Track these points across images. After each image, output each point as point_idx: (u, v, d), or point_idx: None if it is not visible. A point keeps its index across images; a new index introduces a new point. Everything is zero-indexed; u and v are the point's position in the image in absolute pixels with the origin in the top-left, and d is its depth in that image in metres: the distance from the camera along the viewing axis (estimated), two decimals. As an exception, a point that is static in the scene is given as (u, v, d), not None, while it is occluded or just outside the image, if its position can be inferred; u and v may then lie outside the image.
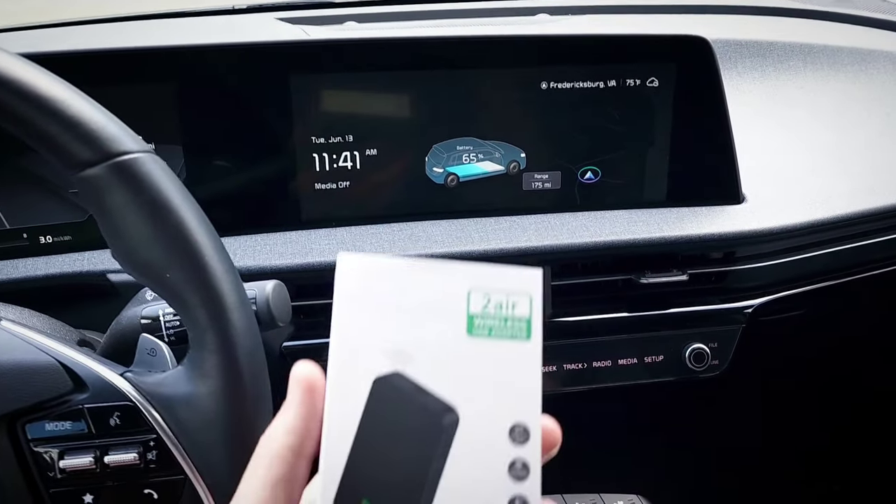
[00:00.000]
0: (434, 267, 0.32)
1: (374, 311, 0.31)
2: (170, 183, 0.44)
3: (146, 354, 0.51)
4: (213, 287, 0.44)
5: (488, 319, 0.32)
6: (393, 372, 0.31)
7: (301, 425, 0.31)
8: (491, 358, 0.31)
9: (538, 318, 0.32)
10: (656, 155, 0.83)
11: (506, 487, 0.30)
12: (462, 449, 0.30)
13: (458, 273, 0.32)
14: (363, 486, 0.30)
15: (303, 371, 0.32)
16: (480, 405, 0.31)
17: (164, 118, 0.75)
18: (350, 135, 0.77)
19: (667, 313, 0.83)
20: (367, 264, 0.32)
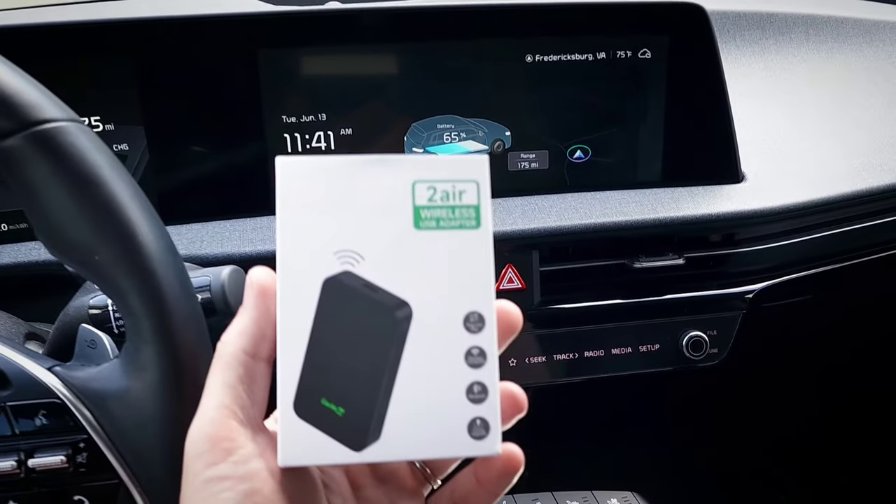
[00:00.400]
0: (376, 162, 0.32)
1: (318, 212, 0.31)
2: (98, 154, 0.40)
3: (86, 347, 0.47)
4: (148, 269, 0.39)
5: (435, 210, 0.31)
6: (342, 272, 0.31)
7: (254, 328, 0.31)
8: (440, 249, 0.31)
9: (487, 205, 0.32)
10: (650, 132, 0.78)
11: (463, 375, 0.30)
12: (417, 342, 0.30)
13: (401, 166, 0.32)
14: (321, 387, 0.30)
15: (256, 275, 0.32)
16: (433, 297, 0.31)
17: (125, 98, 0.71)
18: (323, 114, 0.73)
19: (663, 300, 0.79)
20: (307, 165, 0.32)
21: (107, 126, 0.71)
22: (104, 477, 0.39)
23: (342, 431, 0.30)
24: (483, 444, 0.31)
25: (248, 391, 0.31)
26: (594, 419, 0.84)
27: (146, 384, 0.39)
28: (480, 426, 0.31)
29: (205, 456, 0.30)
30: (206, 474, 0.30)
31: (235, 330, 0.32)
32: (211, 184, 0.74)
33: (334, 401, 0.30)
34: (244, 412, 0.31)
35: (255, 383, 0.31)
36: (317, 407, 0.30)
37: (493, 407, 0.31)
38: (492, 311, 0.31)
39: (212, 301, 0.51)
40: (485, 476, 0.34)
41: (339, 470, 0.36)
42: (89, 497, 0.39)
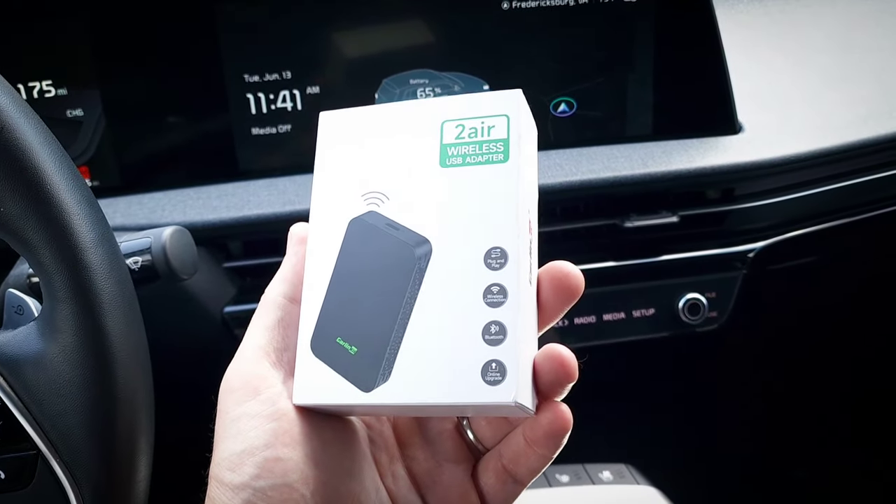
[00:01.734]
0: (409, 106, 0.32)
1: (350, 157, 0.32)
2: (3, 96, 0.36)
3: (13, 313, 0.43)
4: (59, 221, 0.36)
5: (462, 147, 0.31)
6: (366, 212, 0.31)
7: (291, 274, 0.32)
8: (466, 185, 0.30)
9: (517, 139, 0.30)
10: (638, 82, 0.73)
11: (480, 313, 0.28)
12: (436, 279, 0.29)
13: (431, 107, 0.32)
14: (337, 326, 0.30)
15: (296, 229, 0.33)
16: (455, 233, 0.30)
17: (77, 61, 0.67)
18: (288, 71, 0.69)
19: (656, 261, 0.74)
20: (346, 115, 0.33)
21: (59, 91, 0.67)
22: (20, 447, 0.36)
23: (353, 371, 0.29)
24: (497, 391, 0.27)
25: (284, 335, 0.31)
26: (585, 390, 0.80)
27: (62, 347, 0.36)
28: (496, 370, 0.28)
29: (235, 394, 0.30)
30: (234, 411, 0.29)
31: (278, 277, 0.33)
32: (172, 150, 0.70)
33: (348, 339, 0.30)
34: (278, 354, 0.31)
35: (291, 327, 0.32)
36: (332, 346, 0.30)
37: (512, 349, 0.28)
38: (517, 246, 0.29)
39: (153, 264, 0.47)
40: (531, 436, 0.31)
41: (387, 425, 0.36)
42: (5, 469, 0.36)
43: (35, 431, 0.36)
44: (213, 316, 0.69)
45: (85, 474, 0.36)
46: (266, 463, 0.28)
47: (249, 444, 0.28)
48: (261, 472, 0.28)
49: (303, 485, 0.29)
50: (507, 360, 0.27)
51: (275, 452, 0.28)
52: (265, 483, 0.28)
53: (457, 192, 0.30)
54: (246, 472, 0.28)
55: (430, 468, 0.35)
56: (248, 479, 0.28)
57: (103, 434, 0.36)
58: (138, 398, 0.38)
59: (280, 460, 0.28)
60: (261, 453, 0.28)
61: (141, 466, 0.38)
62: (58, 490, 0.36)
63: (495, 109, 0.31)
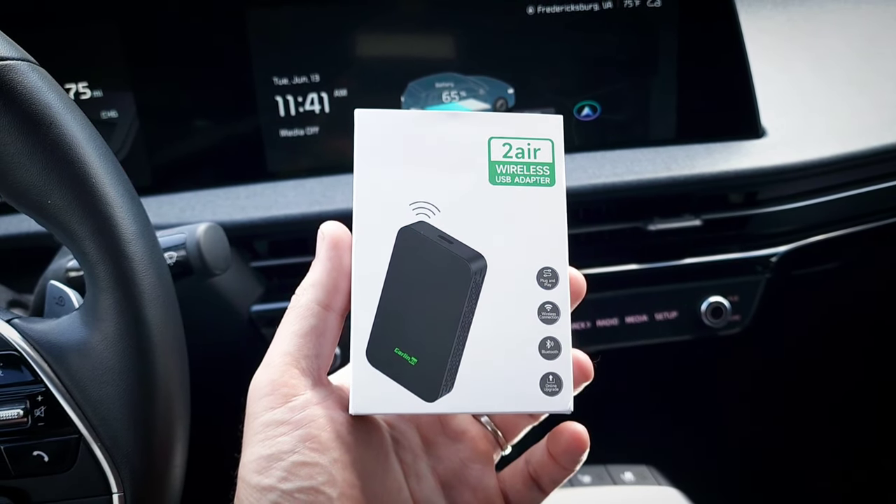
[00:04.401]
0: (452, 117, 0.32)
1: (394, 163, 0.31)
2: (51, 94, 0.38)
3: (55, 304, 0.45)
4: (103, 213, 0.37)
5: (511, 167, 0.32)
6: (417, 221, 0.31)
7: (327, 279, 0.31)
8: (515, 205, 0.31)
9: (561, 164, 0.32)
10: (662, 86, 0.74)
11: (537, 329, 0.31)
12: (491, 294, 0.31)
13: (477, 121, 0.32)
14: (395, 336, 0.30)
15: (329, 228, 0.32)
16: (508, 251, 0.31)
17: (113, 64, 0.69)
18: (316, 74, 0.70)
19: (680, 264, 0.75)
20: (385, 117, 0.32)
21: (95, 93, 0.69)
22: (63, 431, 0.37)
23: (415, 381, 0.30)
24: (555, 401, 0.31)
25: (315, 343, 0.31)
26: (608, 391, 0.80)
27: (105, 335, 0.37)
28: (553, 382, 0.31)
29: (264, 400, 0.30)
30: (264, 417, 0.30)
31: (308, 281, 0.32)
32: (202, 151, 0.72)
33: (407, 350, 0.30)
34: (308, 362, 0.31)
35: (323, 336, 0.31)
36: (390, 356, 0.30)
37: (565, 363, 0.31)
38: (565, 267, 0.32)
39: (188, 259, 0.49)
40: (554, 450, 0.34)
41: (411, 425, 0.36)
42: (48, 452, 0.37)
43: (77, 416, 0.37)
44: (241, 315, 0.70)
45: (124, 458, 0.37)
46: (293, 467, 0.29)
47: (277, 450, 0.29)
48: (288, 476, 0.29)
49: (329, 487, 0.30)
50: (562, 373, 0.31)
51: (302, 457, 0.29)
52: (292, 485, 0.29)
53: (507, 211, 0.31)
54: (273, 474, 0.29)
55: (455, 468, 0.36)
56: (276, 481, 0.29)
57: (142, 420, 0.37)
58: (175, 386, 0.39)
59: (307, 465, 0.29)
60: (288, 458, 0.29)
61: (177, 452, 0.39)
62: (98, 473, 0.37)
63: (541, 133, 0.32)
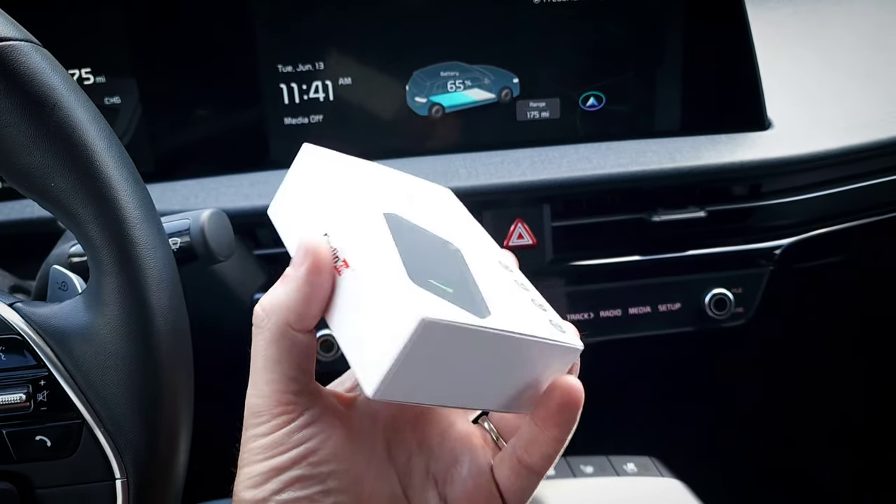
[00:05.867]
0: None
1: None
2: (54, 75, 0.37)
3: (57, 289, 0.44)
4: (107, 196, 0.37)
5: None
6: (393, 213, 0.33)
7: (302, 304, 0.30)
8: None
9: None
10: (668, 77, 0.73)
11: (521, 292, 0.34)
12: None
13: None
14: (424, 272, 0.30)
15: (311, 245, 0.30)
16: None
17: (116, 49, 0.69)
18: (321, 62, 0.70)
19: (683, 256, 0.74)
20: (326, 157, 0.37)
21: (98, 78, 0.69)
22: (66, 416, 0.37)
23: (460, 304, 0.29)
24: (566, 337, 0.32)
25: (297, 362, 0.31)
26: (610, 382, 0.80)
27: (108, 320, 0.37)
28: (557, 325, 0.33)
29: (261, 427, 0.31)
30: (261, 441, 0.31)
31: (280, 301, 0.30)
32: (205, 138, 0.71)
33: (441, 281, 0.30)
34: (296, 384, 0.31)
35: (303, 353, 0.31)
36: (428, 285, 0.29)
37: (556, 315, 0.34)
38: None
39: (192, 245, 0.48)
40: (543, 414, 0.32)
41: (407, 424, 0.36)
42: (51, 437, 0.37)
43: (80, 401, 0.37)
44: (243, 303, 0.70)
45: (127, 443, 0.37)
46: (289, 479, 0.30)
47: (274, 465, 0.30)
48: (283, 487, 0.30)
49: (323, 495, 0.30)
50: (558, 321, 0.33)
51: (299, 471, 0.30)
52: (286, 496, 0.30)
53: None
54: (268, 487, 0.30)
55: (449, 466, 0.35)
56: (269, 493, 0.30)
57: (146, 405, 0.37)
58: (179, 372, 0.38)
59: (302, 478, 0.30)
60: (285, 473, 0.30)
61: (181, 438, 0.38)
62: (101, 458, 0.37)
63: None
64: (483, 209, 0.71)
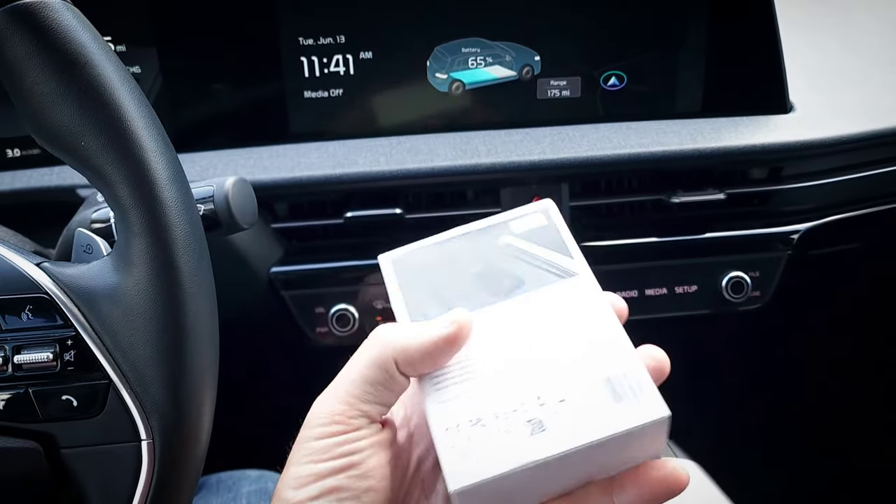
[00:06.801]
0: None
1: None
2: (85, 33, 0.37)
3: (82, 252, 0.44)
4: (137, 157, 0.37)
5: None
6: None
7: (422, 356, 0.32)
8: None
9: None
10: (690, 57, 0.73)
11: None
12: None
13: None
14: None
15: (465, 318, 0.33)
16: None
17: (137, 18, 0.68)
18: (342, 35, 0.69)
19: (702, 238, 0.74)
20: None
21: (118, 47, 0.68)
22: (93, 376, 0.37)
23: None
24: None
25: (382, 395, 0.32)
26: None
27: (136, 280, 0.37)
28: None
29: (319, 429, 0.32)
30: (314, 444, 0.32)
31: (407, 338, 0.32)
32: (225, 110, 0.71)
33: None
34: (370, 407, 0.32)
35: (391, 391, 0.32)
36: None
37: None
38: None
39: (215, 212, 0.48)
40: (634, 495, 0.32)
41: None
42: (77, 396, 0.37)
43: (107, 361, 0.37)
44: (261, 276, 0.70)
45: (153, 405, 0.37)
46: (327, 488, 0.31)
47: (317, 471, 0.31)
48: (320, 495, 0.31)
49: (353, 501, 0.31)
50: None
51: (337, 482, 0.31)
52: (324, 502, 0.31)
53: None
54: (308, 492, 0.31)
55: None
56: (306, 498, 0.31)
57: (172, 367, 0.37)
58: (206, 334, 0.38)
59: (340, 489, 0.31)
60: (324, 480, 0.31)
61: (207, 400, 0.39)
62: (127, 419, 0.37)
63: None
64: (501, 187, 0.70)
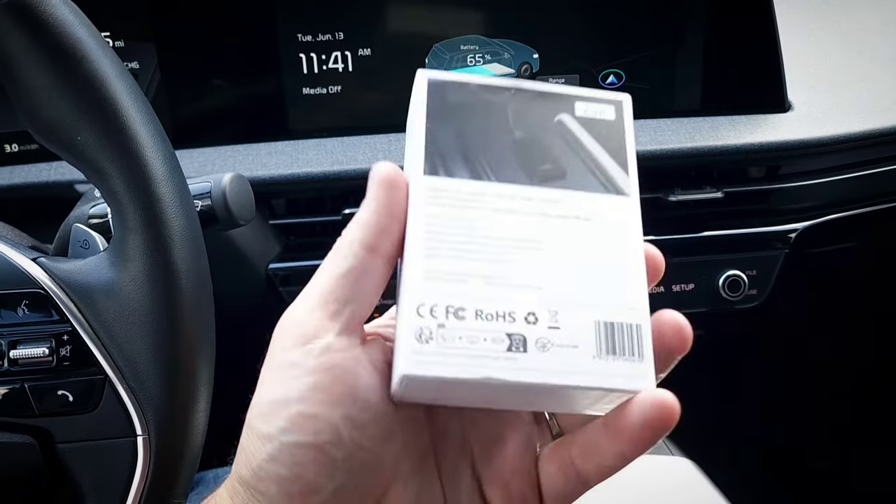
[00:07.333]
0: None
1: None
2: (81, 27, 0.37)
3: (79, 247, 0.45)
4: (133, 152, 0.37)
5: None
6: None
7: (375, 220, 0.28)
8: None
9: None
10: (689, 55, 0.73)
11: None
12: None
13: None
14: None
15: (383, 167, 0.29)
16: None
17: (135, 15, 0.68)
18: (341, 32, 0.69)
19: (699, 236, 0.74)
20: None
21: (116, 43, 0.68)
22: (88, 371, 0.37)
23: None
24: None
25: (351, 286, 0.27)
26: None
27: (133, 276, 0.37)
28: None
29: (283, 338, 0.28)
30: (278, 357, 0.27)
31: (355, 222, 0.28)
32: (223, 106, 0.71)
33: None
34: (338, 305, 0.27)
35: (361, 279, 0.27)
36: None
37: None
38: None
39: (213, 208, 0.48)
40: (620, 425, 0.27)
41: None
42: (72, 391, 0.37)
43: (103, 356, 0.37)
44: (258, 272, 0.70)
45: (149, 400, 0.37)
46: (297, 418, 0.26)
47: (284, 395, 0.26)
48: (290, 426, 0.26)
49: (335, 447, 0.26)
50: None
51: (310, 408, 0.26)
52: (292, 438, 0.26)
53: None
54: (275, 423, 0.26)
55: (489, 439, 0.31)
56: (276, 431, 0.26)
57: (168, 362, 0.37)
58: (202, 331, 0.39)
59: (313, 417, 0.26)
60: (294, 406, 0.26)
61: (202, 396, 0.39)
62: (122, 414, 0.37)
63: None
64: (499, 184, 0.70)
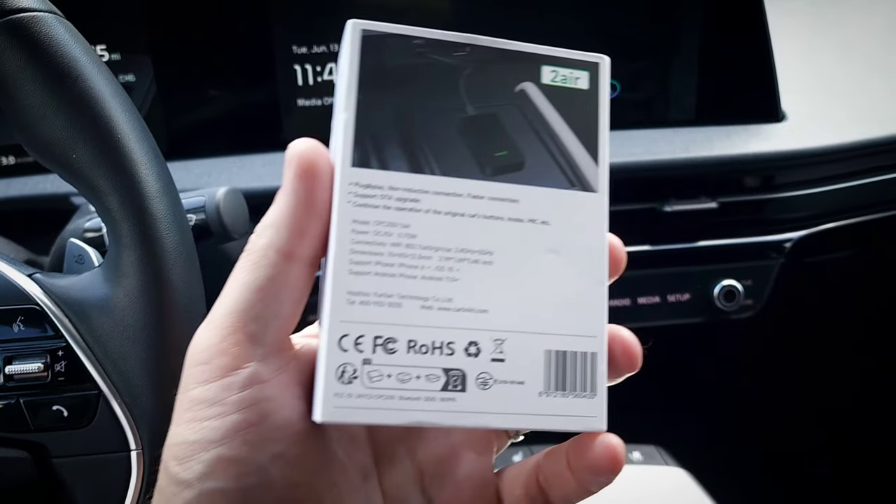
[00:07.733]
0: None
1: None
2: (77, 47, 0.37)
3: (74, 262, 0.45)
4: (127, 169, 0.37)
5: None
6: None
7: (291, 220, 0.24)
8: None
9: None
10: (683, 67, 0.73)
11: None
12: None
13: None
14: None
15: (299, 148, 0.24)
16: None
17: (132, 27, 0.69)
18: (335, 44, 0.70)
19: (694, 246, 0.74)
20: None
21: (113, 55, 0.69)
22: (83, 387, 0.37)
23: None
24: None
25: (272, 300, 0.24)
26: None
27: (127, 292, 0.37)
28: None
29: (197, 370, 0.24)
30: (193, 392, 0.24)
31: (267, 219, 0.25)
32: (220, 117, 0.71)
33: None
34: (259, 324, 0.24)
35: (282, 291, 0.24)
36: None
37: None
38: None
39: (207, 222, 0.49)
40: (576, 461, 0.26)
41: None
42: (67, 407, 0.37)
43: (97, 372, 0.37)
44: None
45: (143, 415, 0.37)
46: (218, 462, 0.23)
47: (203, 436, 0.23)
48: (209, 472, 0.23)
49: (264, 491, 0.23)
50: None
51: (231, 451, 0.23)
52: (212, 485, 0.23)
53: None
54: (193, 468, 0.23)
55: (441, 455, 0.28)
56: (194, 477, 0.23)
57: (162, 378, 0.37)
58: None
59: (236, 462, 0.23)
60: (214, 449, 0.23)
61: (196, 411, 0.39)
62: (117, 429, 0.37)
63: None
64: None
